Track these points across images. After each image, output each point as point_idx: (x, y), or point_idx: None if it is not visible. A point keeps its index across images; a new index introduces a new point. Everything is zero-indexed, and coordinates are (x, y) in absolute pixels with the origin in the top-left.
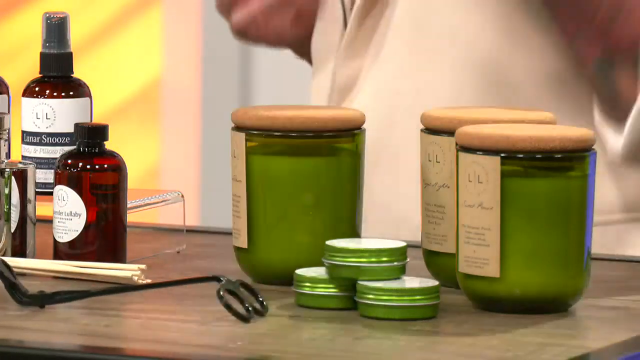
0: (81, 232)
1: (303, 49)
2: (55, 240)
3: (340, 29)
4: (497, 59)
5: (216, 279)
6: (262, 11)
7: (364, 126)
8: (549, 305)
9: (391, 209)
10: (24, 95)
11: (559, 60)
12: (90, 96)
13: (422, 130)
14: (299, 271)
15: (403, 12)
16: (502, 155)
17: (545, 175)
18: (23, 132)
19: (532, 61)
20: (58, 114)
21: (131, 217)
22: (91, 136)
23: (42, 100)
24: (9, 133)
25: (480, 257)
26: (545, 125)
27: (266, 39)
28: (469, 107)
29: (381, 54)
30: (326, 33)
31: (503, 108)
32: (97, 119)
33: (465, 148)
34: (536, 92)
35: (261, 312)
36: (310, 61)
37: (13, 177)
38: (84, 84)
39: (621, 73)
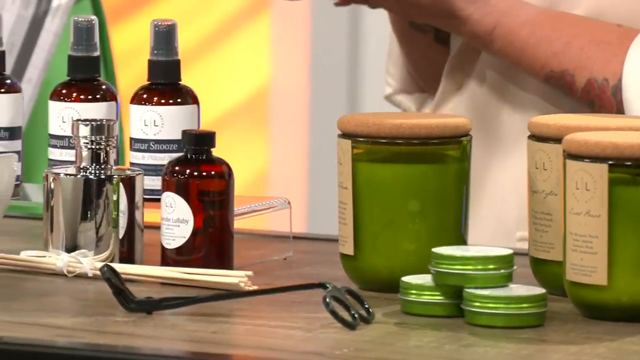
0: (188, 239)
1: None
2: (162, 247)
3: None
4: None
5: (322, 285)
6: None
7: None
8: None
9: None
10: (132, 102)
11: None
12: (197, 103)
13: (529, 137)
14: (405, 278)
15: None
16: (610, 162)
17: None
18: (131, 139)
19: None
20: (166, 121)
21: (238, 224)
22: (198, 143)
23: (150, 107)
24: (117, 140)
25: (588, 265)
26: None
27: None
28: (576, 114)
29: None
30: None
31: (611, 116)
32: (205, 126)
33: (572, 155)
34: None
35: (367, 319)
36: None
37: (121, 184)
38: (192, 91)
39: None
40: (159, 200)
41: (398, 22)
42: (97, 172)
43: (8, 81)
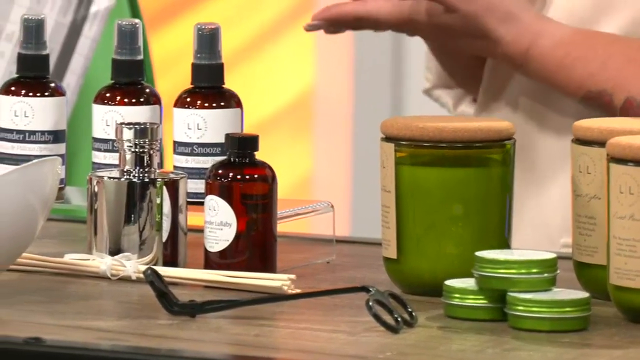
0: (232, 242)
1: None
2: (206, 250)
3: None
4: None
5: (365, 289)
6: None
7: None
8: None
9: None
10: (175, 105)
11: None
12: (241, 107)
13: (572, 141)
14: (448, 282)
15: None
16: None
17: None
18: (175, 142)
19: None
20: (209, 125)
21: (281, 227)
22: (242, 147)
23: (193, 110)
24: (161, 143)
25: (632, 269)
26: None
27: None
28: (619, 117)
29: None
30: None
31: None
32: (248, 130)
33: (616, 159)
34: None
35: (410, 323)
36: None
37: (165, 187)
38: (235, 94)
39: None
40: (202, 203)
41: None
42: (141, 175)
43: (52, 84)
